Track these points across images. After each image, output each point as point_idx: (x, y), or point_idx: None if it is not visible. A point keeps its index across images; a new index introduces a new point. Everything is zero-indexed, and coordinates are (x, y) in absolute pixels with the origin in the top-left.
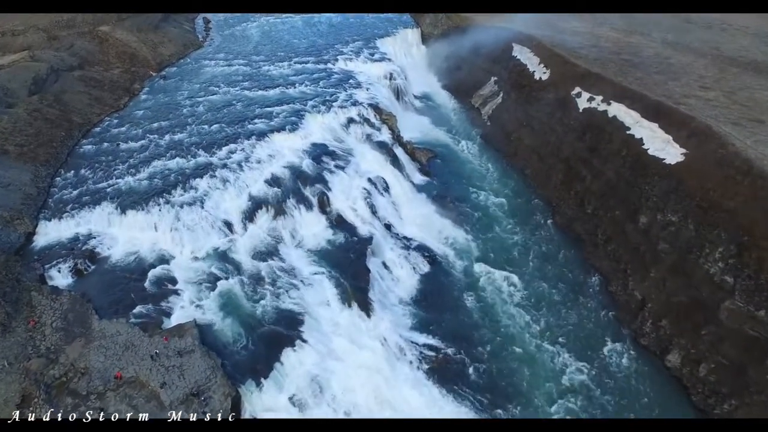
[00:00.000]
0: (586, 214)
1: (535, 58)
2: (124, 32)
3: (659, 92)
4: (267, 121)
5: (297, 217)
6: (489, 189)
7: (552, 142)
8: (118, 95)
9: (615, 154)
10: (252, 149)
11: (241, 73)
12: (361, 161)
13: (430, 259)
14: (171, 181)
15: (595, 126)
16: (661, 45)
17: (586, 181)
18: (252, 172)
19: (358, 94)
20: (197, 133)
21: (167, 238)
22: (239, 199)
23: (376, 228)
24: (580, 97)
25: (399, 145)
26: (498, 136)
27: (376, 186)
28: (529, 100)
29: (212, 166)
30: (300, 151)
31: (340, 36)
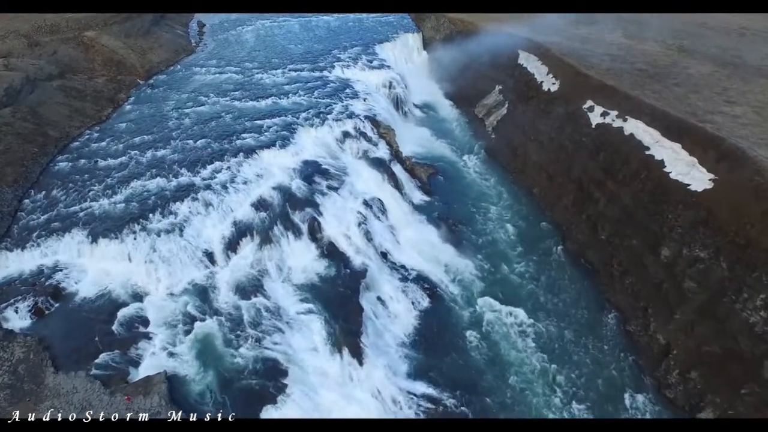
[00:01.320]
0: (599, 241)
1: (543, 67)
2: (111, 38)
3: (680, 108)
4: (256, 135)
5: (285, 247)
6: (494, 210)
7: (562, 160)
8: (101, 106)
9: (632, 177)
10: (239, 168)
11: (233, 81)
12: (356, 180)
13: (430, 291)
14: (149, 204)
15: (610, 144)
16: (678, 53)
17: (599, 204)
18: (237, 195)
19: (355, 105)
20: (181, 148)
21: (141, 270)
22: (222, 226)
23: (371, 258)
24: (592, 112)
25: (398, 161)
26: (503, 150)
27: (372, 209)
28: (537, 112)
29: (195, 187)
30: (290, 170)
31: (338, 41)
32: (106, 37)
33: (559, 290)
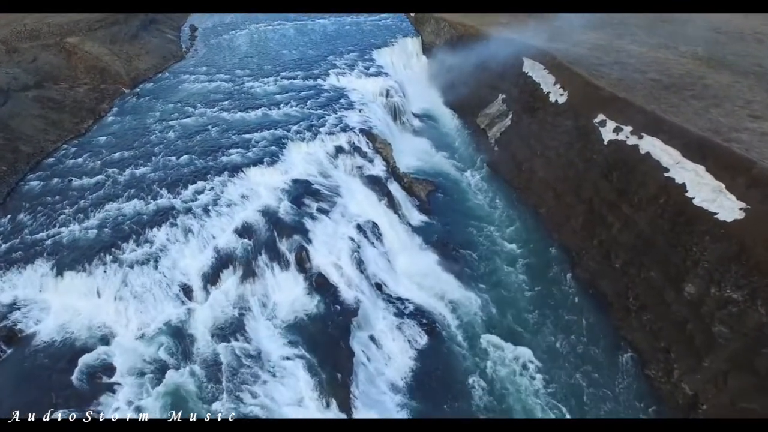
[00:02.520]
0: (613, 270)
1: (549, 76)
2: (96, 44)
3: (701, 124)
4: (243, 151)
5: (269, 280)
6: (497, 232)
7: (571, 178)
8: (80, 118)
9: (650, 201)
10: (223, 188)
11: (222, 90)
12: (349, 201)
13: (429, 328)
14: (124, 231)
15: (624, 163)
16: (692, 61)
17: (612, 228)
18: (220, 219)
19: (350, 116)
20: (162, 166)
21: (110, 308)
22: (202, 256)
23: (364, 292)
24: (604, 127)
25: (394, 178)
26: (507, 164)
27: (366, 234)
28: (543, 125)
29: (174, 211)
30: (278, 191)
31: (334, 46)
32: (90, 43)
33: (569, 325)
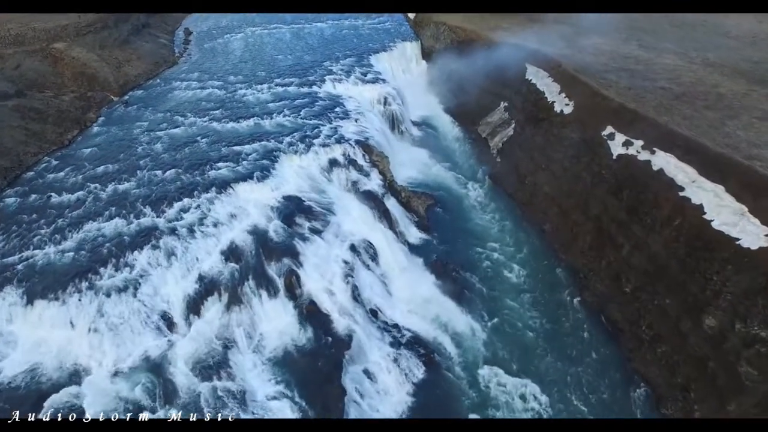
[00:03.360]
0: (623, 295)
1: (554, 85)
2: (83, 49)
3: (718, 138)
4: (232, 165)
5: (256, 308)
6: (500, 250)
7: (577, 194)
8: (64, 128)
9: (664, 222)
10: (210, 206)
11: (214, 98)
12: (343, 219)
13: (426, 358)
14: (102, 254)
15: (635, 180)
16: (703, 67)
17: (622, 250)
18: (206, 241)
19: (345, 126)
20: (148, 181)
21: (84, 341)
22: (185, 282)
23: (357, 320)
24: (612, 140)
25: (391, 193)
26: (510, 177)
27: (361, 256)
28: (548, 137)
29: (157, 231)
30: (268, 208)
31: (331, 51)
32: (77, 49)
33: (577, 355)
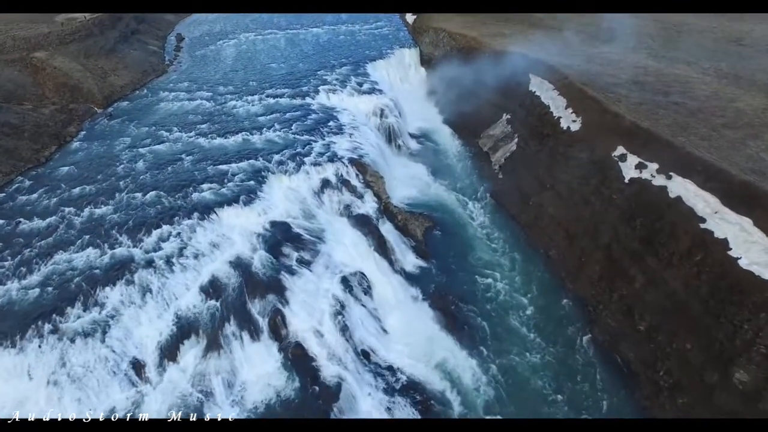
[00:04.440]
0: (636, 332)
1: (560, 98)
2: (67, 59)
3: (741, 162)
4: (217, 187)
5: (237, 353)
6: (502, 279)
7: (585, 219)
8: (41, 144)
9: (683, 257)
10: (191, 234)
11: (202, 110)
12: (334, 249)
13: (423, 406)
14: (70, 290)
15: (650, 208)
16: (717, 78)
17: (635, 283)
18: (185, 275)
19: (339, 142)
20: (126, 205)
21: (42, 395)
22: (160, 322)
23: (348, 366)
24: (624, 162)
25: (387, 217)
26: (513, 196)
27: (353, 290)
28: (554, 155)
29: (133, 263)
30: (254, 236)
31: (326, 59)
32: (60, 58)
33: (588, 403)
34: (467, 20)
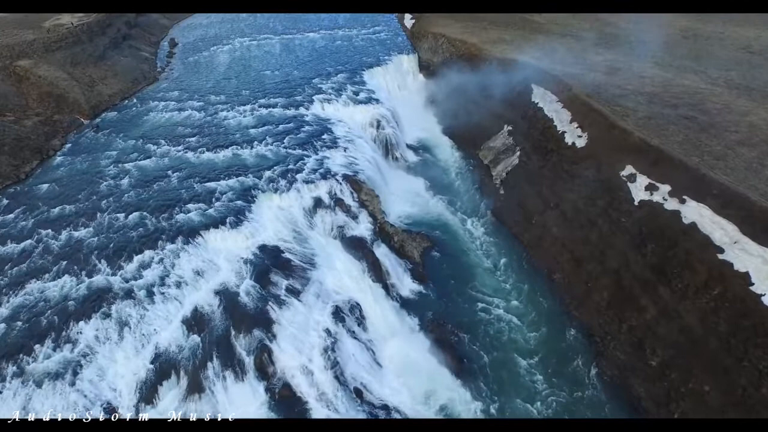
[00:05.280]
0: (648, 367)
1: (564, 111)
2: (52, 67)
3: (760, 185)
4: (204, 207)
5: (220, 395)
6: (504, 305)
7: (592, 241)
8: (22, 160)
9: (700, 290)
10: (174, 260)
11: (192, 122)
12: (326, 275)
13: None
14: (40, 325)
15: (662, 233)
16: (727, 89)
17: (646, 314)
18: (166, 306)
19: (333, 157)
20: (107, 227)
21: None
22: (138, 360)
23: (338, 407)
24: (633, 182)
25: (382, 239)
26: (515, 214)
27: (345, 321)
28: (558, 172)
29: (111, 293)
30: (241, 262)
31: (322, 66)
32: (45, 67)
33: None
34: (467, 25)
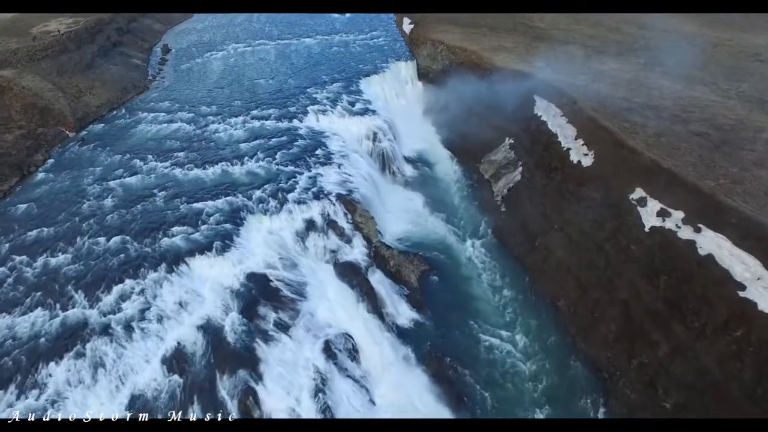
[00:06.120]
0: (660, 408)
1: (569, 127)
2: (37, 77)
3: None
4: (190, 230)
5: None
6: (506, 335)
7: (600, 268)
8: (1, 176)
9: (719, 330)
10: (156, 291)
11: (181, 135)
12: (318, 305)
13: None
14: (6, 369)
15: (675, 264)
16: (740, 102)
17: (659, 350)
18: (145, 343)
19: (326, 175)
20: (86, 253)
21: None
22: (112, 406)
23: None
24: (644, 207)
25: (377, 264)
26: (517, 234)
27: (337, 358)
28: (562, 191)
29: (86, 330)
30: (227, 292)
31: (317, 74)
32: (29, 77)
33: None
34: (467, 32)
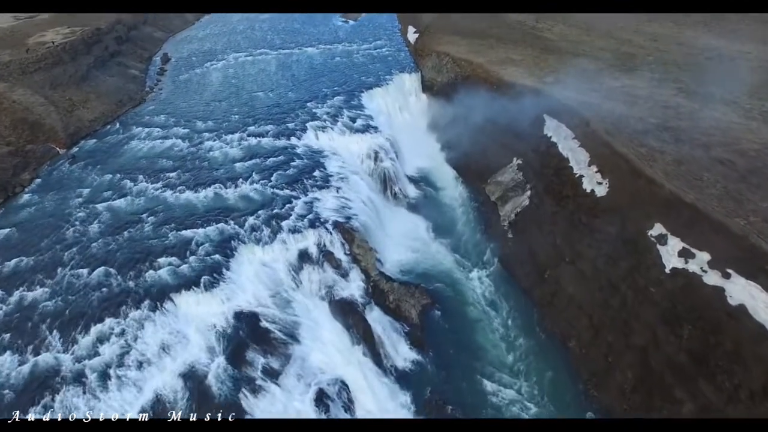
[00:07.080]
0: None
1: (581, 151)
2: (28, 91)
3: None
4: (178, 262)
5: None
6: (513, 381)
7: (614, 308)
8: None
9: (756, 396)
10: (137, 332)
11: (175, 153)
12: (310, 349)
13: None
14: None
15: (701, 313)
16: (764, 123)
17: (683, 407)
18: (121, 394)
19: (324, 200)
20: (66, 288)
21: None
22: None
23: None
24: (664, 245)
25: (376, 300)
26: (525, 265)
27: (329, 409)
28: (574, 222)
29: (57, 378)
30: (214, 334)
31: (318, 86)
32: (20, 91)
33: None
34: (473, 43)
